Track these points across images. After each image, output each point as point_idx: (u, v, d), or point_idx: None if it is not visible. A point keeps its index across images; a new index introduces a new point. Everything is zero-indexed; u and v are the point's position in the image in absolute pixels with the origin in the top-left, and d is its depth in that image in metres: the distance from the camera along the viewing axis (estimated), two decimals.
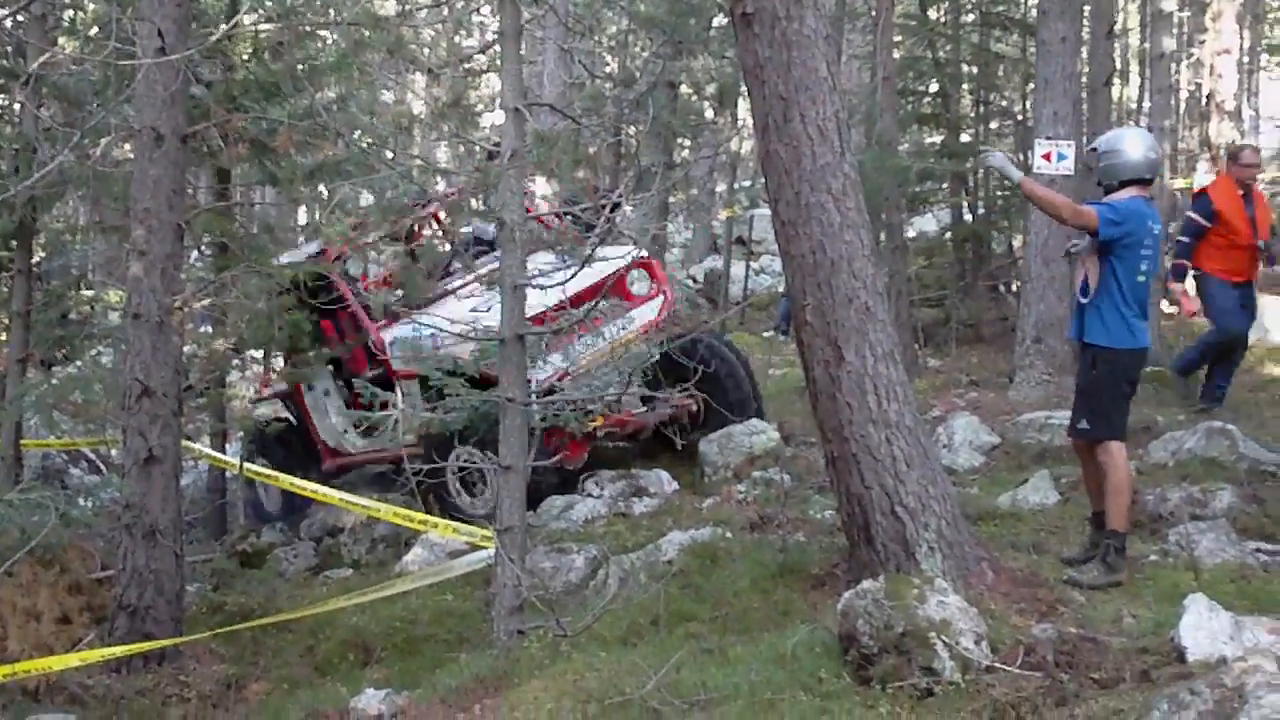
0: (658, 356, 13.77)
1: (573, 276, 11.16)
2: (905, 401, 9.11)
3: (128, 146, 15.14)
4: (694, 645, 8.72)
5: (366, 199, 14.16)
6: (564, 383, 14.22)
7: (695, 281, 31.82)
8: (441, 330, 12.38)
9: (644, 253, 14.74)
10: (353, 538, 15.67)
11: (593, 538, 12.31)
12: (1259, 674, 5.71)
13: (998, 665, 7.31)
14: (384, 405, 13.66)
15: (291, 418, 18.11)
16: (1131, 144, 9.51)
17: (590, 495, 14.54)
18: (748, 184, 16.77)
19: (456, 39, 30.21)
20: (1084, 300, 9.41)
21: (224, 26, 12.51)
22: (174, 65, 11.27)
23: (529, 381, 13.01)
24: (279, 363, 17.98)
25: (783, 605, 9.62)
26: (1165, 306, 22.37)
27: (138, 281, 11.73)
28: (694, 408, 15.88)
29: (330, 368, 17.23)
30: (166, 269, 11.79)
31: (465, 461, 15.09)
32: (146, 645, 11.44)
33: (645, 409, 15.68)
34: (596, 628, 9.70)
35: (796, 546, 10.69)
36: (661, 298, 16.07)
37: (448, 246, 18.34)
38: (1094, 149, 9.79)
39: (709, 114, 27.76)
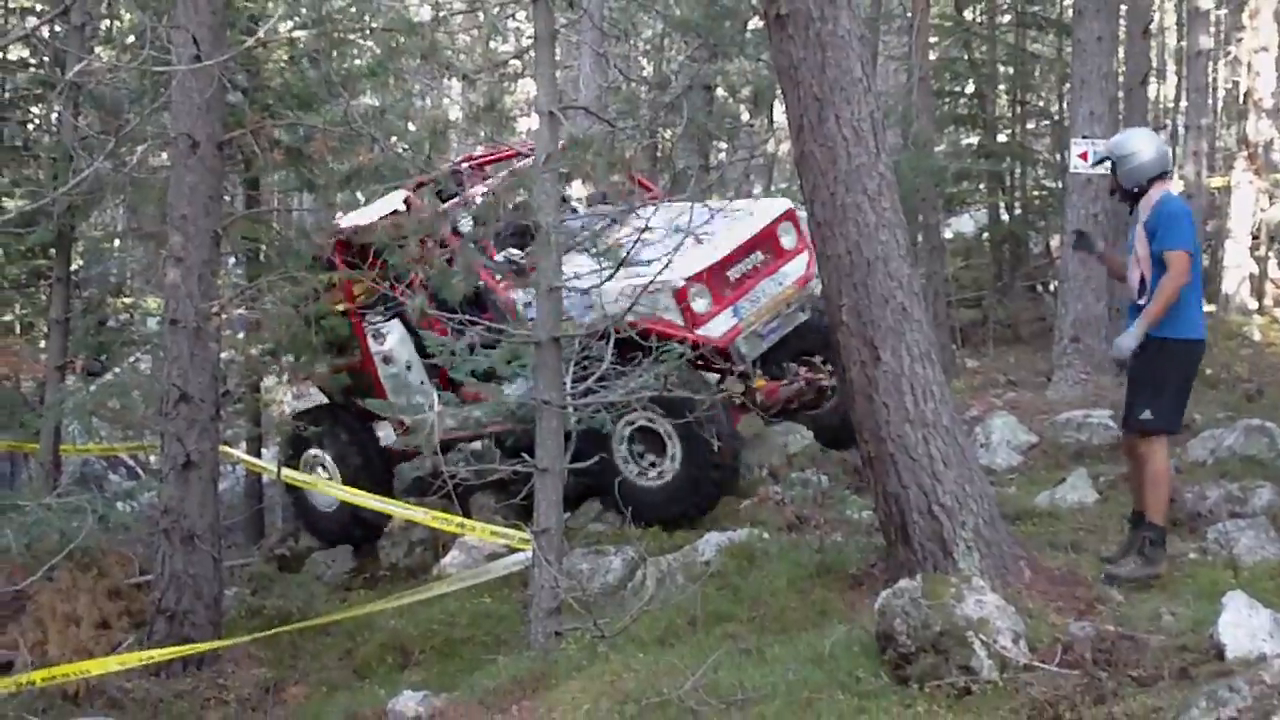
0: (807, 317, 13.98)
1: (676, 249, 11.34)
2: (942, 401, 9.08)
3: (164, 154, 15.20)
4: (731, 645, 8.71)
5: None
6: (738, 340, 13.51)
7: None
8: (478, 328, 11.85)
9: (789, 203, 14.74)
10: (390, 541, 15.70)
11: (630, 539, 12.29)
12: None
13: (1036, 664, 7.28)
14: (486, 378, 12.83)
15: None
16: (1142, 143, 9.48)
17: None
18: (784, 185, 16.81)
19: (491, 44, 30.25)
20: (1142, 301, 9.37)
21: (259, 34, 12.50)
22: (209, 72, 11.34)
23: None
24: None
25: (820, 605, 9.61)
26: (1204, 306, 22.27)
27: (175, 288, 11.80)
28: (824, 382, 14.62)
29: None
30: (203, 275, 11.86)
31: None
32: (185, 649, 11.49)
33: (785, 381, 14.36)
34: (634, 629, 9.70)
35: (833, 547, 10.67)
36: (806, 252, 14.56)
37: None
38: (1103, 159, 9.76)
39: (745, 116, 27.73)
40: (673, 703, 7.53)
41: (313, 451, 16.00)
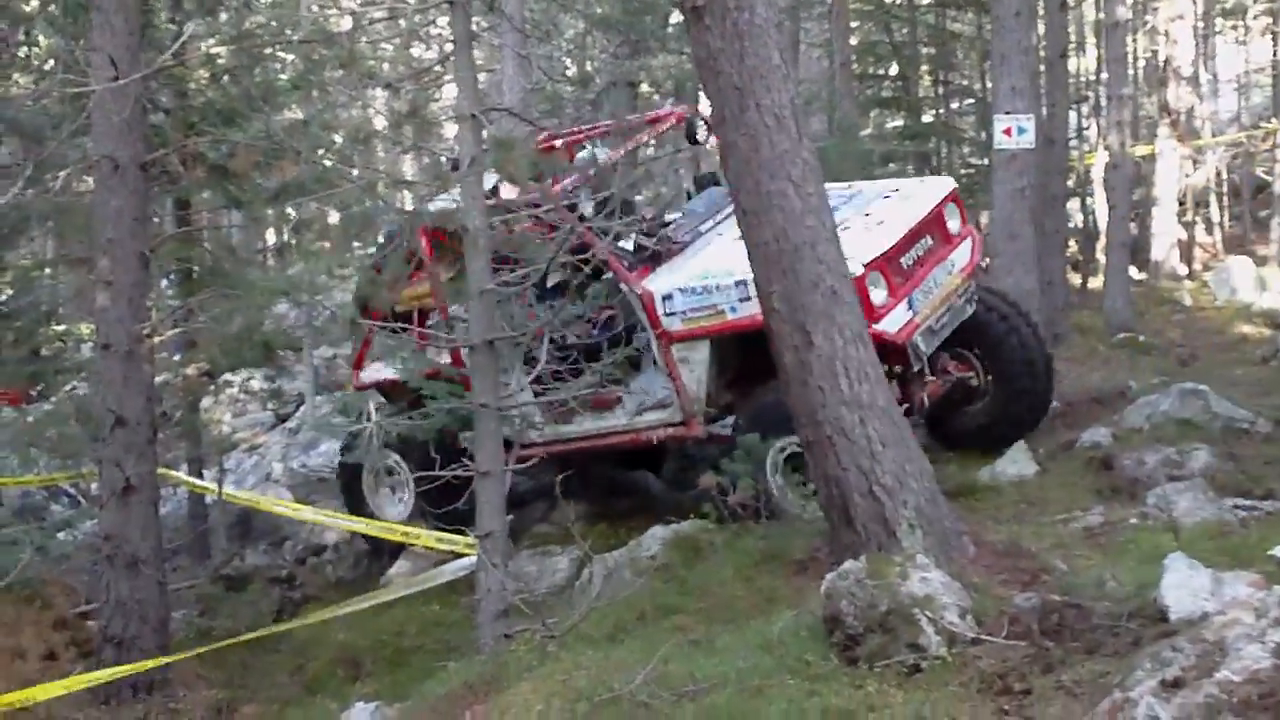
0: (974, 310, 13.08)
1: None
2: (877, 382, 9.12)
3: (91, 180, 15.13)
4: (681, 637, 8.72)
5: (333, 217, 14.14)
6: (916, 336, 12.28)
7: None
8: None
9: (952, 183, 13.99)
10: (336, 555, 15.65)
11: (576, 538, 12.30)
12: (1238, 626, 5.72)
13: (983, 637, 7.31)
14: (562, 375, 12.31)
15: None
16: None
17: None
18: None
19: (413, 51, 30.19)
20: None
21: (168, 52, 12.42)
22: (128, 92, 11.27)
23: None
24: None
25: (767, 592, 9.65)
26: (1135, 273, 22.49)
27: (105, 312, 11.72)
28: (973, 380, 13.57)
29: None
30: (133, 298, 11.78)
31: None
32: (126, 669, 11.39)
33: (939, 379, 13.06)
34: (583, 627, 9.70)
35: (778, 533, 10.70)
36: (970, 239, 13.62)
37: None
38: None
39: None
40: (624, 698, 7.51)
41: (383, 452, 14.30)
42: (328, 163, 13.53)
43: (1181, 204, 25.79)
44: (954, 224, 13.37)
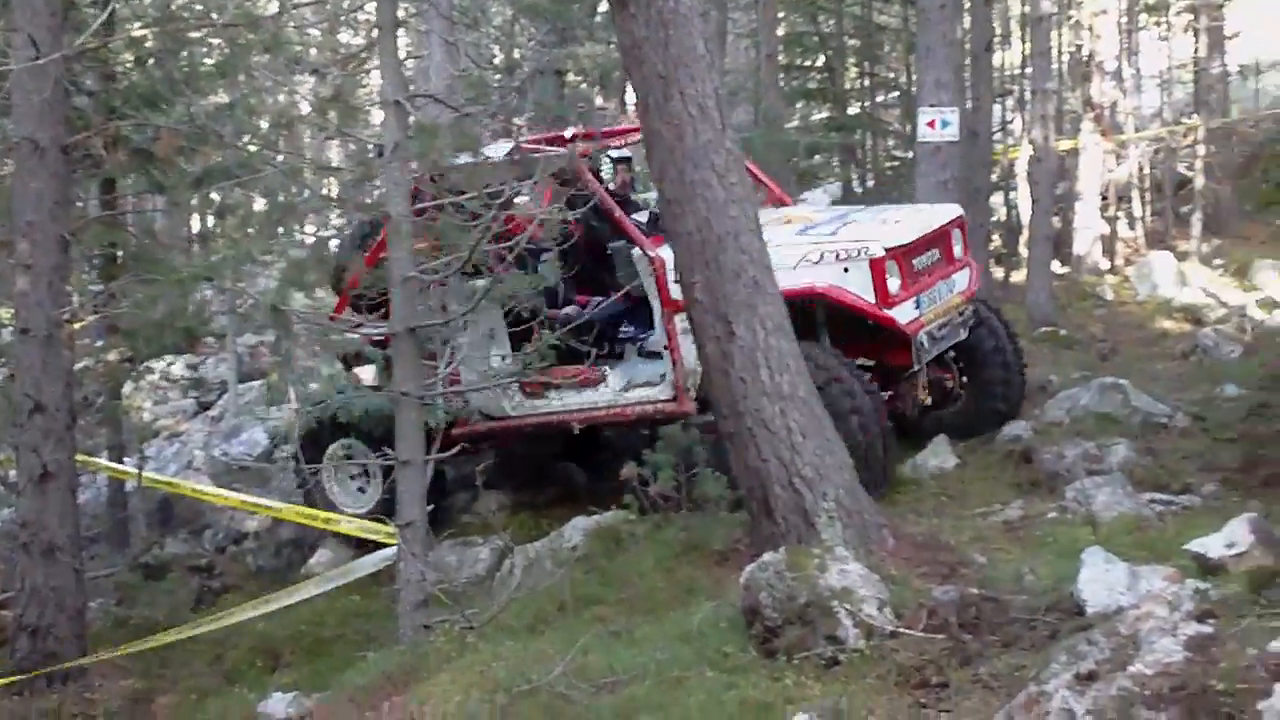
0: (967, 335, 13.17)
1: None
2: (798, 373, 9.15)
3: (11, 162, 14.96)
4: (601, 628, 8.73)
5: (258, 203, 14.01)
6: (922, 334, 12.31)
7: None
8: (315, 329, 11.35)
9: (960, 210, 14.07)
10: (257, 543, 15.56)
11: (497, 529, 12.27)
12: (1152, 620, 5.75)
13: (901, 630, 7.32)
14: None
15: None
16: None
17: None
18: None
19: (340, 37, 30.05)
20: None
21: (87, 33, 12.30)
22: (48, 73, 11.15)
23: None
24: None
25: (687, 583, 9.66)
26: (1057, 267, 22.62)
27: (24, 296, 11.60)
28: (948, 383, 13.73)
29: None
30: (53, 282, 11.66)
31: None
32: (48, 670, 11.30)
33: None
34: (503, 618, 9.69)
35: (699, 524, 10.70)
36: (969, 269, 13.77)
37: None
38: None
39: (598, 100, 27.75)
40: (543, 689, 7.50)
41: (346, 442, 13.72)
42: (252, 148, 13.42)
43: (1104, 199, 25.89)
44: (958, 248, 13.51)
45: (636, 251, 12.62)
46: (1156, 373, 16.57)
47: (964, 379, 13.77)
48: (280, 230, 13.29)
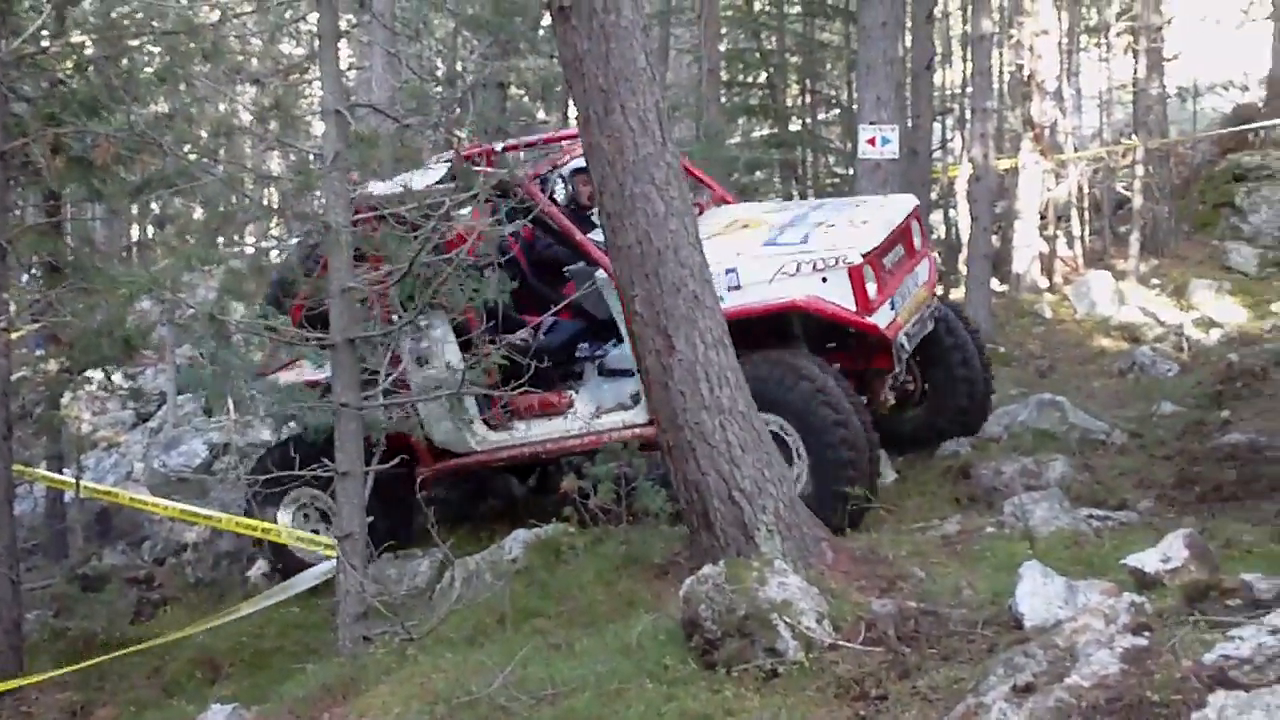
0: (932, 328, 12.86)
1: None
2: (737, 387, 9.16)
3: None
4: (540, 641, 8.71)
5: (198, 213, 13.95)
6: (900, 336, 12.01)
7: None
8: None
9: (915, 200, 13.85)
10: (196, 555, 15.49)
11: (436, 541, 12.25)
12: (1089, 632, 5.81)
13: (840, 643, 7.36)
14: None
15: None
16: None
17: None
18: None
19: (282, 46, 29.97)
20: None
21: (18, 41, 12.24)
22: None
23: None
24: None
25: (627, 596, 9.67)
26: (996, 285, 22.76)
27: None
28: (910, 385, 13.41)
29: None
30: None
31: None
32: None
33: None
34: (443, 630, 9.68)
35: (639, 537, 10.71)
36: (927, 259, 13.50)
37: None
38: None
39: (540, 114, 27.75)
40: (482, 701, 7.50)
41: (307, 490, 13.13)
42: (192, 157, 13.37)
43: (1043, 217, 26.06)
44: (918, 240, 13.25)
45: (601, 274, 12.17)
46: (1094, 390, 16.72)
47: (925, 384, 13.60)
48: (220, 240, 13.24)
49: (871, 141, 16.93)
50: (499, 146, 13.80)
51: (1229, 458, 12.24)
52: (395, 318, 11.28)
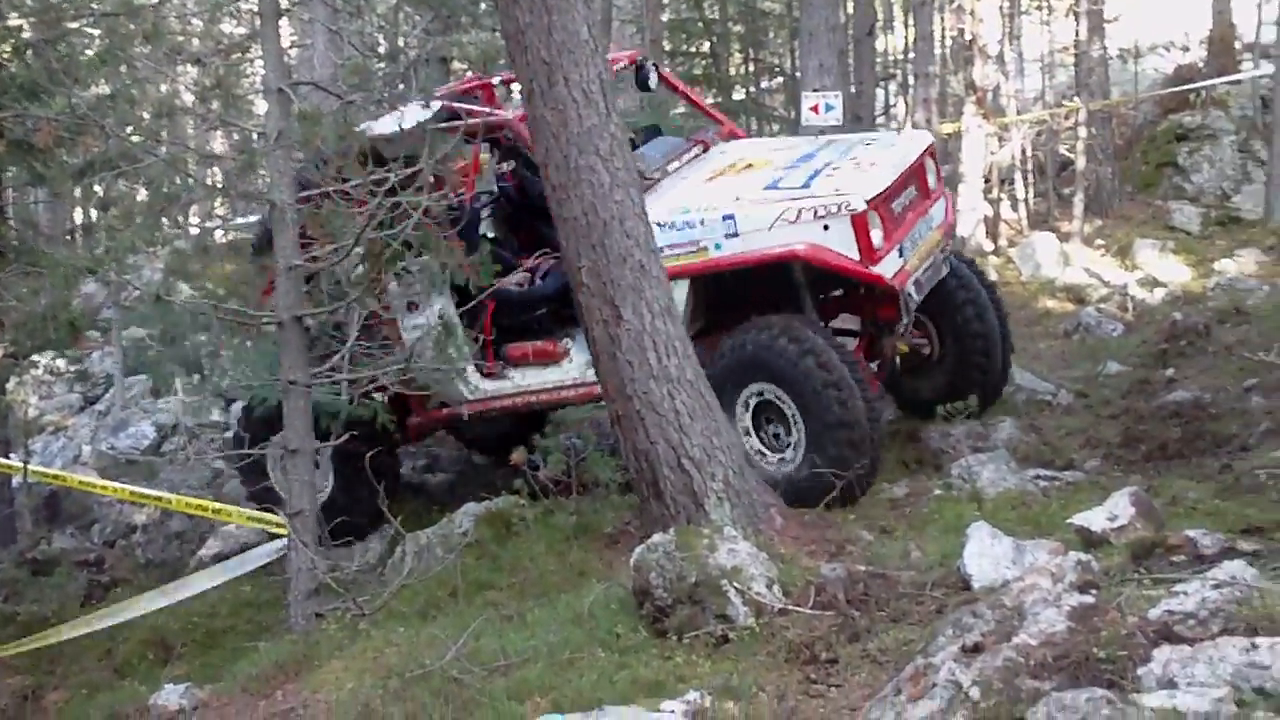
0: (948, 271, 12.18)
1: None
2: (685, 356, 9.20)
3: None
4: (493, 613, 8.77)
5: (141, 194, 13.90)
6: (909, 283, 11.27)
7: None
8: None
9: (931, 138, 13.34)
10: (146, 537, 15.43)
11: (387, 515, 12.23)
12: (1036, 591, 5.85)
13: (790, 607, 7.42)
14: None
15: None
16: None
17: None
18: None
19: (223, 26, 29.82)
20: None
21: None
22: None
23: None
24: None
25: (579, 566, 9.72)
26: None
27: None
28: (926, 348, 12.61)
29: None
30: None
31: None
32: None
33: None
34: (395, 604, 9.71)
35: (590, 508, 10.74)
36: (943, 199, 12.79)
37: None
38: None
39: None
40: (435, 673, 7.52)
41: None
42: (134, 139, 13.31)
43: (987, 181, 26.10)
44: (932, 179, 12.55)
45: None
46: (1040, 351, 16.79)
47: (942, 346, 12.69)
48: (164, 220, 13.18)
49: (815, 109, 16.83)
50: (497, 80, 13.69)
51: (1174, 416, 12.31)
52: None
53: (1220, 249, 23.27)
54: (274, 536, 12.11)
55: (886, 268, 11.07)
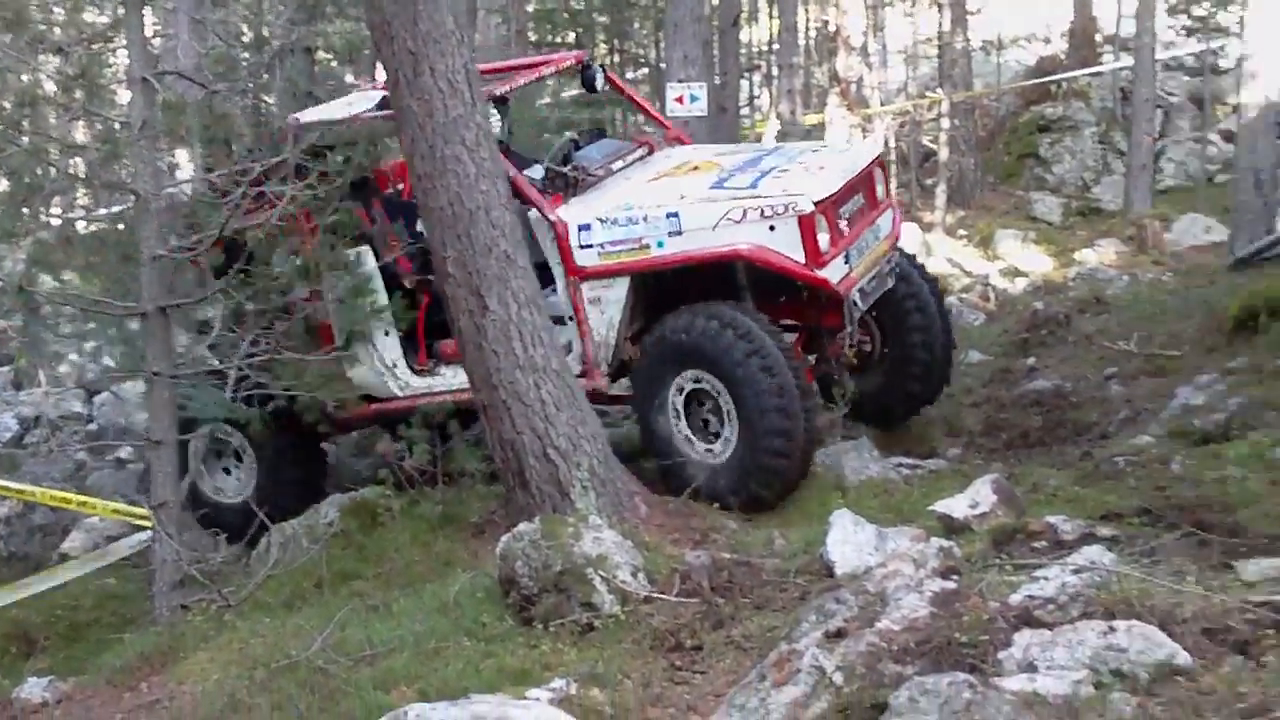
0: (893, 284, 11.89)
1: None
2: (551, 346, 9.26)
3: None
4: (358, 603, 8.73)
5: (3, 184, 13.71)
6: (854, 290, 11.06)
7: None
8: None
9: (880, 148, 13.25)
10: (8, 529, 15.26)
11: (252, 506, 12.17)
12: (898, 578, 5.94)
13: (655, 595, 7.47)
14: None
15: None
16: None
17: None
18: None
19: (85, 15, 29.47)
20: None
21: None
22: None
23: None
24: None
25: (445, 556, 9.73)
26: None
27: None
28: (867, 346, 12.35)
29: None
30: None
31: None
32: None
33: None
34: (261, 595, 9.67)
35: (455, 498, 10.76)
36: (891, 210, 12.46)
37: None
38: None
39: (349, 78, 27.52)
40: (302, 664, 7.50)
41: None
42: None
43: None
44: (880, 189, 12.22)
45: (534, 214, 11.21)
46: None
47: (883, 343, 12.52)
48: (26, 211, 13.04)
49: (680, 99, 17.03)
50: None
51: (1035, 404, 12.53)
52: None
53: (1081, 239, 23.68)
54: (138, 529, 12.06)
55: (832, 272, 10.87)
